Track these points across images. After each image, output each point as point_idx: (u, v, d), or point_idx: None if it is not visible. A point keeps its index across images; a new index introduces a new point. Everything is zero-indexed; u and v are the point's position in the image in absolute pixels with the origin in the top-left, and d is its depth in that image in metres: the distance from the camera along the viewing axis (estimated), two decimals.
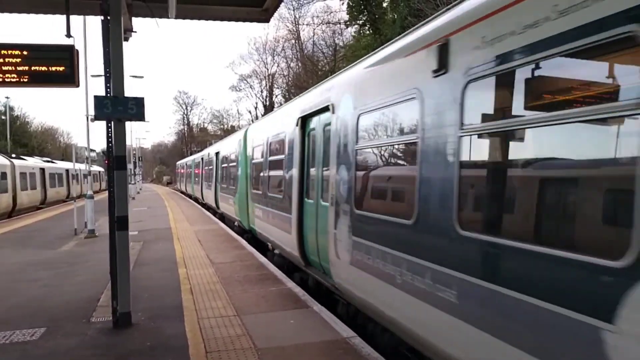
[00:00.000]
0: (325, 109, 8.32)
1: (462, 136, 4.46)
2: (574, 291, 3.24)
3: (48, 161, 42.45)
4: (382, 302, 5.98)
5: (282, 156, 11.33)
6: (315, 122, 9.15)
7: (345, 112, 7.29)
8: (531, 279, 3.60)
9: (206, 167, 30.49)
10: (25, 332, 7.06)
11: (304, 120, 9.72)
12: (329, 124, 7.99)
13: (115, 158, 7.09)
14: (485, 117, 4.33)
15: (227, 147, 21.99)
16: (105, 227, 18.17)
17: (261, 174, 13.77)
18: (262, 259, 12.20)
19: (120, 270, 7.14)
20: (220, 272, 10.77)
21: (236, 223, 18.84)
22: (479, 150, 4.55)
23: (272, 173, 12.50)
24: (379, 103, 6.15)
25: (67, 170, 45.03)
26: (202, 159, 34.23)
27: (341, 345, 6.22)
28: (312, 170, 9.22)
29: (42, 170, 36.53)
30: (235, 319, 7.39)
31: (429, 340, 4.93)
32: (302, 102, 10.16)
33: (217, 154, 25.17)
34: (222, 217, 23.53)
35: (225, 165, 21.91)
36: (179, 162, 66.65)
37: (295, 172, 9.98)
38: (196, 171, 39.05)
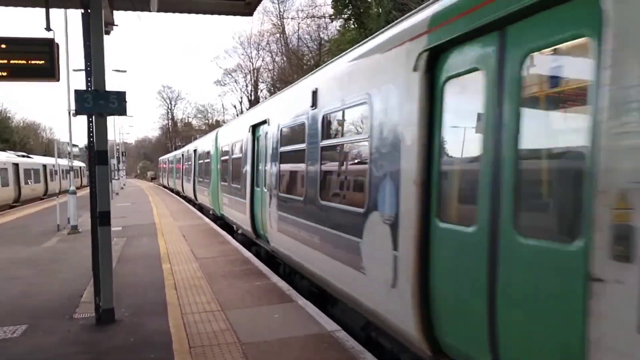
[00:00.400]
0: (264, 122, 11.34)
1: (322, 147, 7.58)
2: (352, 226, 6.13)
3: (23, 156, 39.98)
4: (291, 252, 8.96)
5: (240, 155, 14.24)
6: (260, 131, 12.07)
7: (273, 125, 10.50)
8: (340, 222, 6.64)
9: (186, 163, 34.08)
10: (6, 329, 6.98)
11: (254, 128, 12.62)
12: (267, 132, 11.03)
13: (97, 153, 7.02)
14: (329, 136, 7.69)
15: (203, 145, 24.89)
16: (88, 223, 18.04)
17: (227, 169, 16.67)
18: (247, 253, 12.18)
19: (103, 266, 7.09)
20: (205, 267, 10.73)
21: (211, 212, 21.48)
22: (329, 155, 7.64)
23: (234, 168, 15.35)
24: (289, 122, 9.33)
25: (44, 166, 43.01)
26: (182, 155, 37.05)
27: (326, 339, 6.24)
28: (260, 166, 11.93)
29: (16, 165, 34.31)
30: (220, 314, 7.37)
31: (311, 269, 7.90)
32: (252, 115, 13.50)
33: (194, 151, 28.04)
34: (201, 208, 26.04)
35: (201, 161, 24.89)
36: (161, 158, 70.07)
37: (248, 167, 12.85)
38: (177, 166, 42.20)
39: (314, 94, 7.82)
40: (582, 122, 3.15)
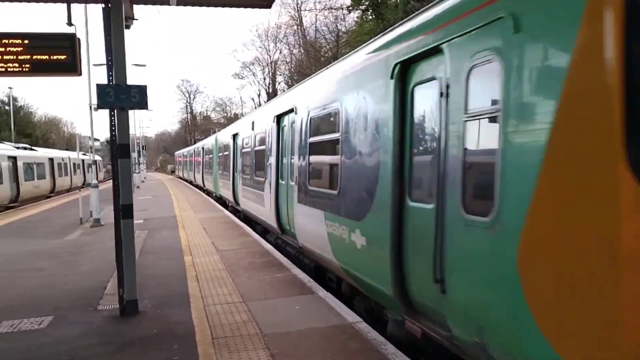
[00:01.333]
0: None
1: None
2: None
3: (25, 148, 35.60)
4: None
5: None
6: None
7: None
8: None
9: (206, 156, 34.23)
10: (33, 320, 7.12)
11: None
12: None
13: (119, 146, 7.09)
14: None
15: (222, 138, 25.11)
16: (110, 216, 18.30)
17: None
18: (267, 245, 12.24)
19: (126, 258, 7.17)
20: (226, 259, 10.80)
21: (229, 204, 22.26)
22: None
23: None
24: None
25: (51, 160, 38.37)
26: (202, 148, 38.28)
27: (347, 330, 6.25)
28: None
29: (13, 159, 29.47)
30: (241, 306, 7.43)
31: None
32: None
33: (214, 143, 28.69)
34: (209, 193, 30.89)
35: (220, 154, 25.15)
36: (177, 152, 76.40)
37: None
38: (193, 159, 45.90)
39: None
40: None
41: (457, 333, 4.57)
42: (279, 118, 11.89)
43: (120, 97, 6.93)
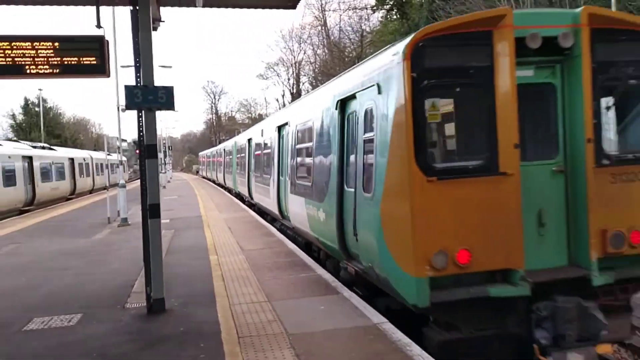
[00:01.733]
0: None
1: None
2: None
3: (44, 147, 33.71)
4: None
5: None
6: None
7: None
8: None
9: (227, 157, 37.78)
10: (63, 317, 7.26)
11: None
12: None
13: (147, 147, 7.18)
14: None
15: (239, 141, 28.41)
16: (137, 215, 18.54)
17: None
18: (291, 245, 12.27)
19: (154, 257, 7.26)
20: (251, 259, 10.87)
21: (246, 199, 24.81)
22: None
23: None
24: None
25: (71, 160, 36.20)
26: (216, 151, 45.44)
27: (372, 331, 6.23)
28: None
29: (28, 159, 27.27)
30: (266, 305, 7.46)
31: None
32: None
33: (233, 145, 31.82)
34: (229, 191, 33.93)
35: (238, 155, 28.35)
36: (200, 153, 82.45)
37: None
38: (213, 160, 51.73)
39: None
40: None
41: (364, 265, 7.32)
42: (280, 128, 14.72)
43: (148, 98, 7.02)
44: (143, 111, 7.16)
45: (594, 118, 6.24)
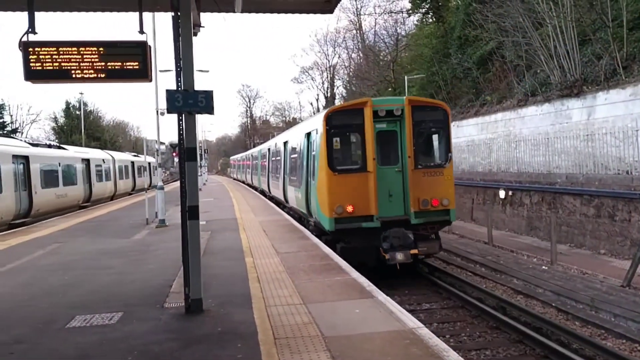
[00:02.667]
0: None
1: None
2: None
3: (51, 145, 28.76)
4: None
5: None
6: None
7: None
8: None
9: (248, 161, 50.41)
10: (104, 316, 7.45)
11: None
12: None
13: (187, 150, 7.32)
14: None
15: (262, 148, 36.84)
16: (174, 217, 18.88)
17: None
18: (326, 249, 12.31)
19: (192, 258, 7.39)
20: (286, 261, 10.95)
21: (267, 194, 31.70)
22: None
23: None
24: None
25: (85, 161, 30.75)
26: (245, 156, 56.49)
27: (407, 335, 6.21)
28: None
29: (22, 160, 22.09)
30: (302, 307, 7.51)
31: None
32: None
33: (259, 151, 38.99)
34: (254, 188, 41.56)
35: (256, 161, 40.12)
36: (231, 157, 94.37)
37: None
38: (241, 163, 63.01)
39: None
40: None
41: (314, 217, 14.60)
42: (285, 143, 21.70)
43: (188, 102, 7.15)
44: (183, 115, 7.31)
45: (413, 146, 13.05)
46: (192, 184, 7.39)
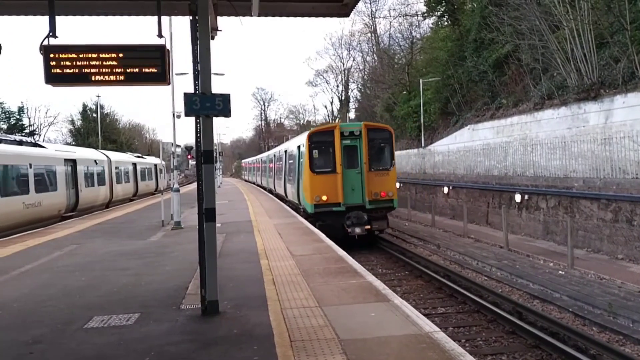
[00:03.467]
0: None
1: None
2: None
3: (21, 142, 23.03)
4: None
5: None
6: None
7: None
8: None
9: (257, 164, 58.58)
10: (122, 317, 7.51)
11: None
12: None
13: (204, 152, 7.37)
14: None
15: (268, 154, 44.29)
16: (190, 219, 19.01)
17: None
18: (341, 252, 12.31)
19: (208, 260, 7.43)
20: (301, 264, 10.97)
21: (273, 192, 37.81)
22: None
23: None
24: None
25: (70, 162, 25.55)
26: (256, 160, 63.36)
27: (424, 339, 6.19)
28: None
29: None
30: (317, 310, 7.52)
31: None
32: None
33: (267, 157, 46.29)
34: (263, 187, 47.66)
35: (264, 164, 47.68)
36: (243, 161, 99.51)
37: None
38: (252, 165, 69.39)
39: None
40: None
41: (303, 205, 21.23)
42: (285, 151, 28.08)
43: (206, 105, 7.21)
44: (200, 118, 7.37)
45: (368, 156, 19.44)
46: (209, 186, 7.45)
